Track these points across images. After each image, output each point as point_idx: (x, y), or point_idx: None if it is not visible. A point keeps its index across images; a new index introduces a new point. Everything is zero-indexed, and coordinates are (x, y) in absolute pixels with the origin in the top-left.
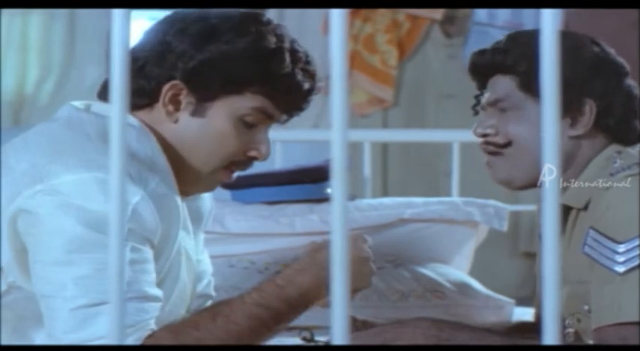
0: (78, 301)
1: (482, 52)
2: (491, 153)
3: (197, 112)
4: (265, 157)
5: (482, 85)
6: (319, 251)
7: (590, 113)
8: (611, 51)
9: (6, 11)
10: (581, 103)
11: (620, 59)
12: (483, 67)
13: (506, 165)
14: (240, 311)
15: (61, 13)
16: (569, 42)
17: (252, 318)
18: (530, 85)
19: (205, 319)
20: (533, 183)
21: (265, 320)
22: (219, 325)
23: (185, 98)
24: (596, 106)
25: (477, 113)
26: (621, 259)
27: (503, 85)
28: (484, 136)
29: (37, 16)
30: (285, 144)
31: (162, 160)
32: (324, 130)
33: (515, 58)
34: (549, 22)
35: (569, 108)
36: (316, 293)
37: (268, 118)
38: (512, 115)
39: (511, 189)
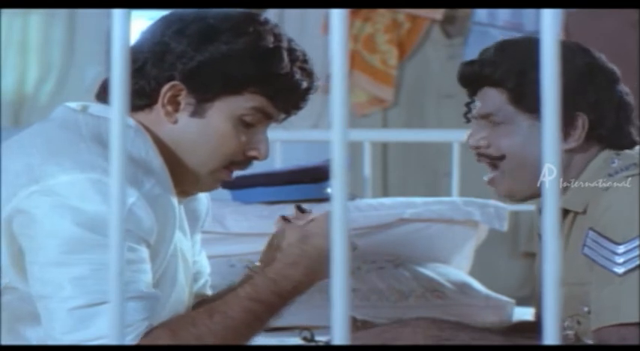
0: (75, 302)
1: (470, 63)
2: (487, 164)
3: (196, 113)
4: (265, 156)
5: (473, 93)
6: (306, 242)
7: (582, 127)
8: (601, 57)
9: (6, 11)
10: (573, 118)
11: (611, 65)
12: (472, 79)
13: (507, 180)
14: (236, 306)
15: (61, 13)
16: (560, 53)
17: (246, 312)
18: (520, 99)
19: (202, 315)
20: (535, 193)
21: (259, 314)
22: (216, 321)
23: (184, 99)
24: (589, 119)
25: (469, 121)
26: (620, 260)
27: (492, 98)
28: (477, 148)
29: (37, 16)
30: (285, 144)
31: (157, 161)
32: (324, 130)
33: (503, 72)
34: (549, 22)
35: (561, 122)
36: (308, 284)
37: (267, 118)
38: (504, 129)
39: (515, 202)
